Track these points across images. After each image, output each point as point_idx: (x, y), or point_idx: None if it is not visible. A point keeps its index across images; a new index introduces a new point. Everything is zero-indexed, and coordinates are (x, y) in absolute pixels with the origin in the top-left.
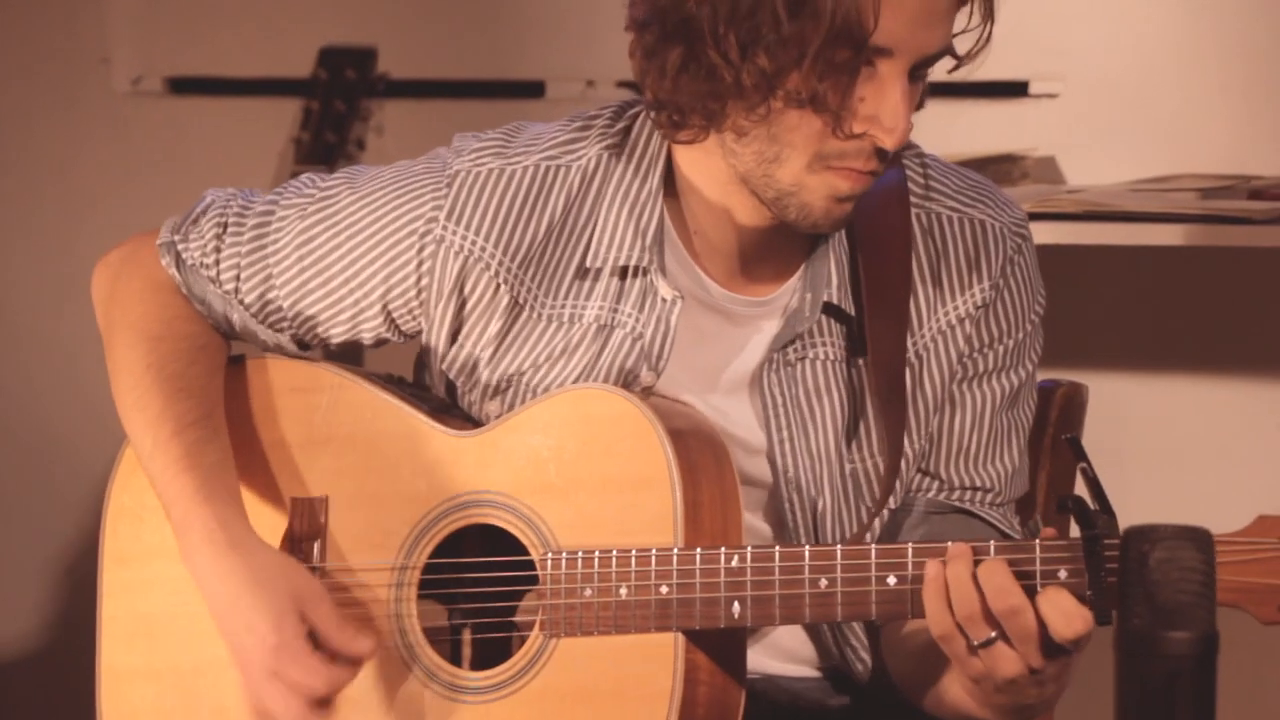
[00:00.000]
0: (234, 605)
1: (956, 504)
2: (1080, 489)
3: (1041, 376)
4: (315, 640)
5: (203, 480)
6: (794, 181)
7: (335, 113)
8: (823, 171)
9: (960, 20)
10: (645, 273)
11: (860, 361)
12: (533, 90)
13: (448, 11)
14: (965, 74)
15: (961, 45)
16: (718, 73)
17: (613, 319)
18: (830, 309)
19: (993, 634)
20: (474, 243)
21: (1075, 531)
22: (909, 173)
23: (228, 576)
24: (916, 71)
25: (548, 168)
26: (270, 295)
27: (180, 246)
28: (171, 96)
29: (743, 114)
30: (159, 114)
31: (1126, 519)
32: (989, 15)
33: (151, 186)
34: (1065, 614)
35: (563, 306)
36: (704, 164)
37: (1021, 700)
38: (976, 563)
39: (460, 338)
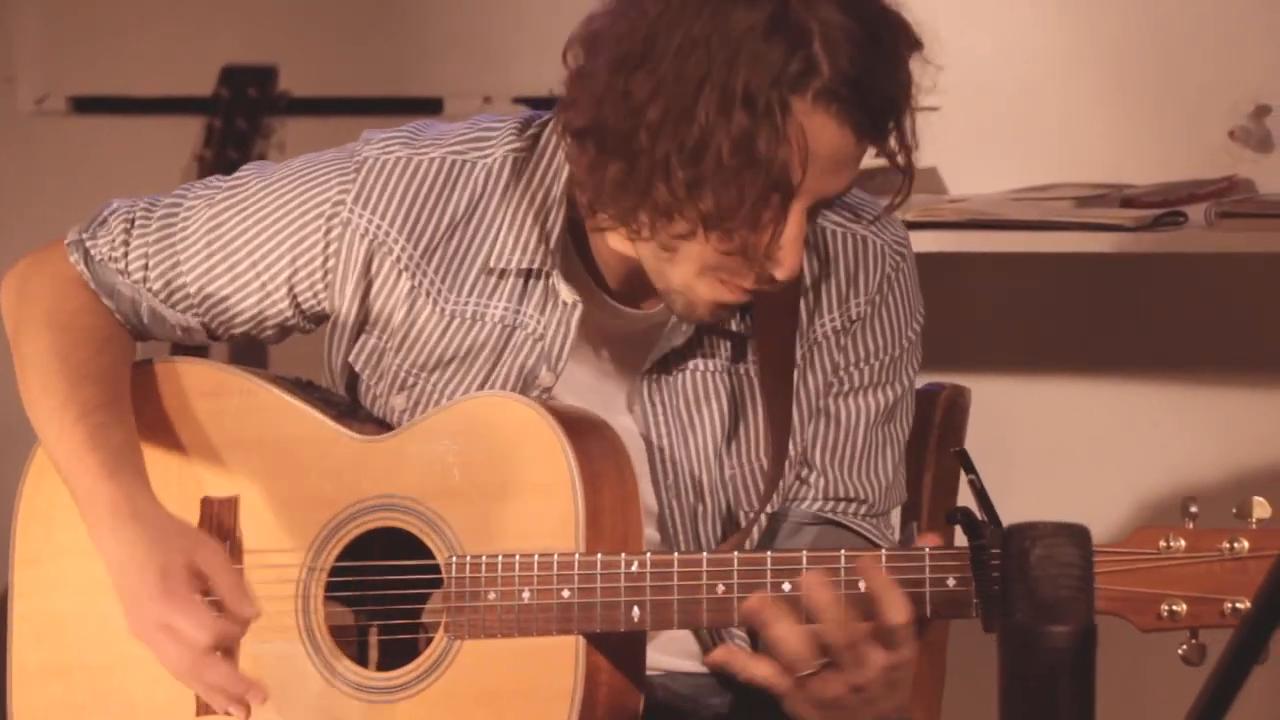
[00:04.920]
0: (128, 563)
1: (829, 516)
2: (967, 498)
3: (925, 380)
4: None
5: (106, 459)
6: (683, 284)
7: (238, 130)
8: (712, 282)
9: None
10: (547, 275)
11: (744, 369)
12: (431, 106)
13: (347, 30)
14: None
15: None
16: (652, 196)
17: (515, 319)
18: (709, 325)
19: (818, 663)
20: (379, 227)
21: (961, 540)
22: None
23: (125, 541)
24: (815, 210)
25: (454, 161)
26: (178, 281)
27: (89, 244)
28: (76, 115)
29: (668, 235)
30: (63, 133)
31: (1008, 517)
32: (907, 157)
33: (56, 204)
34: (892, 601)
35: (466, 303)
36: None
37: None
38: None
39: (367, 327)
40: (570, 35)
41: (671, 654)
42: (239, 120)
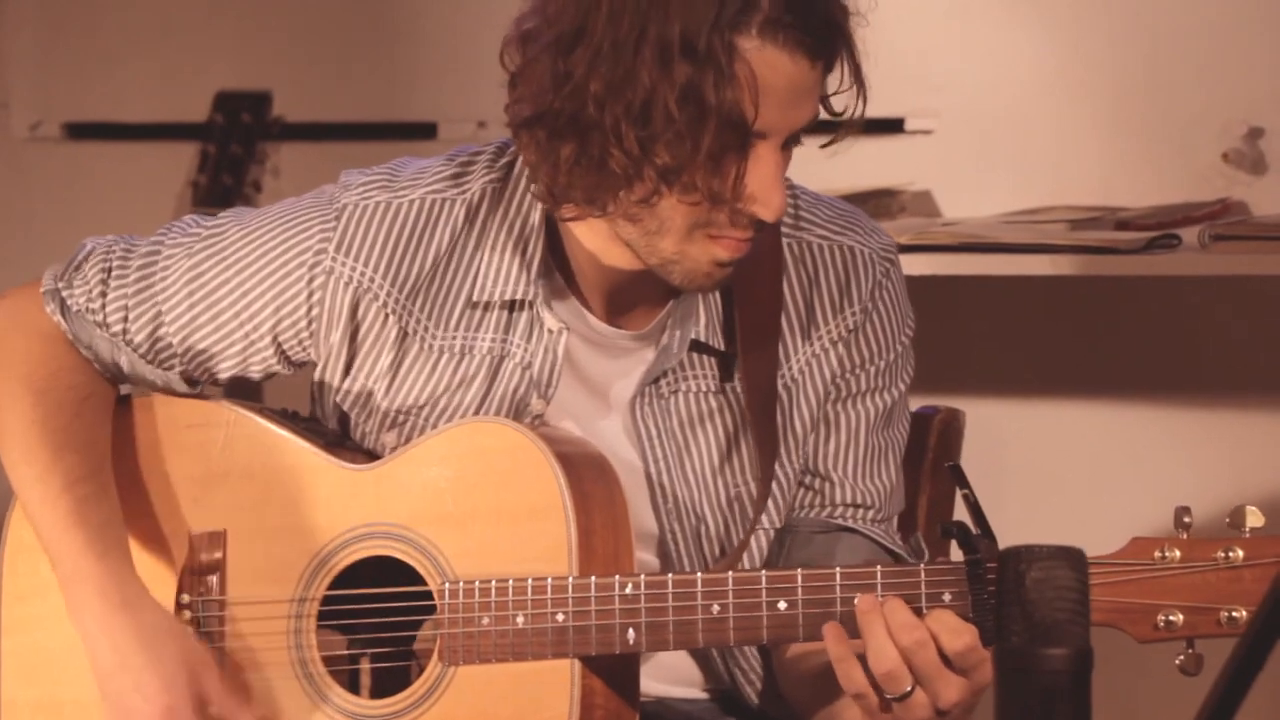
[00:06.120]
0: (123, 664)
1: (840, 522)
2: (962, 514)
3: (920, 403)
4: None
5: (93, 536)
6: (676, 250)
7: (232, 156)
8: (703, 240)
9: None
10: (531, 305)
11: (733, 388)
12: (425, 131)
13: (341, 55)
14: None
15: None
16: (609, 166)
17: (503, 349)
18: (699, 345)
19: (909, 688)
20: (363, 274)
21: (957, 555)
22: None
23: (116, 634)
24: (789, 143)
25: (434, 201)
26: (160, 333)
27: (65, 293)
28: (70, 141)
29: (633, 202)
30: (58, 159)
31: (1004, 540)
32: (859, 81)
33: (51, 231)
34: (951, 629)
35: (454, 338)
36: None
37: None
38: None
39: (354, 370)
40: (504, 38)
41: (670, 682)
42: (233, 146)
